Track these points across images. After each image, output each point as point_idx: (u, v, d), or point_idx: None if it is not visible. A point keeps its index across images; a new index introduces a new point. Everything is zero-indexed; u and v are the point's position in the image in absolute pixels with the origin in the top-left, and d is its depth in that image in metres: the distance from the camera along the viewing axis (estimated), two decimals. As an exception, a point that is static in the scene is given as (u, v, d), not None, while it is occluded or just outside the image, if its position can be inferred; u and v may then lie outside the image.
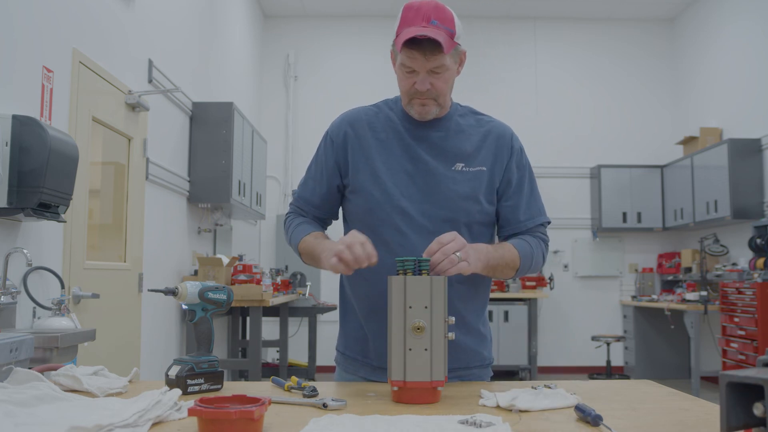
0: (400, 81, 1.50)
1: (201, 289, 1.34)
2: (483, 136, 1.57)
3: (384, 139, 1.55)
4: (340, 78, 7.80)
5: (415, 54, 1.41)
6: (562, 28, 8.02)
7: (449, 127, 1.56)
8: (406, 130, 1.55)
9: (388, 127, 1.56)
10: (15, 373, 1.15)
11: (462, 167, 1.53)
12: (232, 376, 5.66)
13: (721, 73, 6.99)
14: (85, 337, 2.27)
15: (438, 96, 1.48)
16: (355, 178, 1.55)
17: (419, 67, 1.43)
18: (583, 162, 7.89)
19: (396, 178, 1.52)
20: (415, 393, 1.21)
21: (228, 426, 0.92)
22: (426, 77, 1.45)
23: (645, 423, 1.08)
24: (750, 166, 6.18)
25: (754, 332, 5.35)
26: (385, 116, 1.58)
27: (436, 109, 1.51)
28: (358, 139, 1.56)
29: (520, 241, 1.54)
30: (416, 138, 1.54)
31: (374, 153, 1.54)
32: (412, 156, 1.53)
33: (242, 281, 4.69)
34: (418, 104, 1.49)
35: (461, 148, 1.54)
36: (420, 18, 1.41)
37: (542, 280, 7.27)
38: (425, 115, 1.51)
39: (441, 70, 1.45)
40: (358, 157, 1.55)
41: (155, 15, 4.20)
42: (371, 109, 1.61)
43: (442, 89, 1.48)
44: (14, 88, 2.58)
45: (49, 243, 2.87)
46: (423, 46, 1.40)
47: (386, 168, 1.53)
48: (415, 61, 1.42)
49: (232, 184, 4.93)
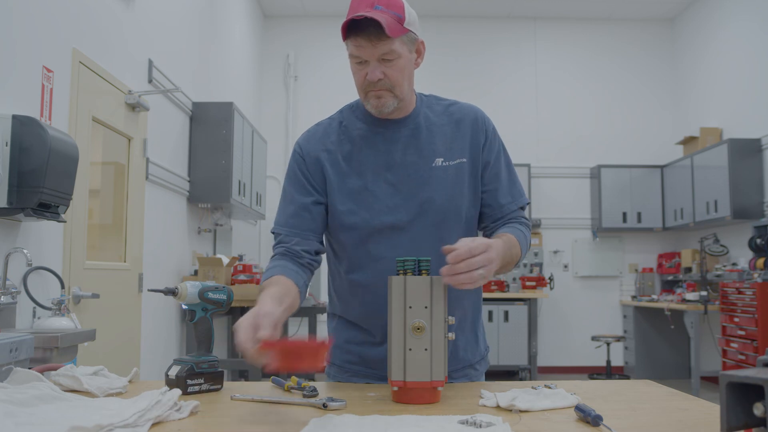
0: (353, 75, 1.42)
1: (201, 289, 1.34)
2: (455, 124, 1.50)
3: (355, 151, 1.47)
4: (340, 78, 7.79)
5: (360, 41, 1.35)
6: (562, 28, 8.02)
7: (419, 122, 1.49)
8: (376, 135, 1.47)
9: (357, 136, 1.48)
10: (15, 373, 1.15)
11: (442, 162, 1.46)
12: (232, 376, 5.66)
13: (721, 73, 6.99)
14: (85, 337, 2.27)
15: (393, 86, 1.39)
16: (333, 197, 1.46)
17: (368, 56, 1.36)
18: (583, 162, 7.89)
19: (376, 190, 1.44)
20: (415, 393, 1.20)
21: (302, 351, 1.07)
22: (377, 66, 1.37)
23: (645, 423, 1.08)
24: (750, 166, 6.19)
25: (754, 332, 5.35)
26: (350, 125, 1.50)
27: (393, 101, 1.41)
28: (329, 156, 1.47)
29: (518, 233, 1.45)
30: (388, 141, 1.47)
31: (348, 168, 1.46)
32: (388, 162, 1.45)
33: (242, 281, 4.70)
34: (374, 97, 1.40)
35: (437, 143, 1.47)
36: (364, 5, 1.35)
37: (542, 280, 7.27)
38: (382, 108, 1.41)
39: (392, 56, 1.36)
40: (332, 175, 1.46)
41: (155, 15, 4.20)
42: (335, 119, 1.53)
43: (397, 79, 1.39)
44: (14, 88, 2.58)
45: (49, 243, 2.87)
46: (368, 31, 1.33)
47: (363, 182, 1.45)
48: (362, 49, 1.35)
49: (232, 184, 4.94)
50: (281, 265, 1.40)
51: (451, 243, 1.26)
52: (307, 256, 1.45)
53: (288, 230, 1.47)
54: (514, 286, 7.28)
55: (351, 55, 1.39)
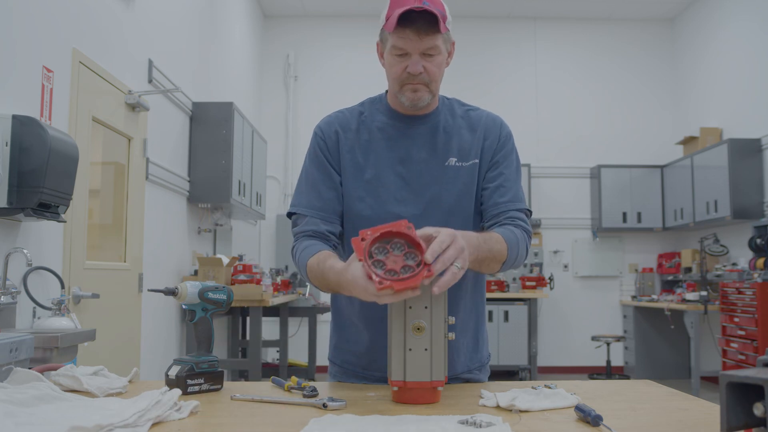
0: (390, 67, 1.43)
1: (201, 289, 1.34)
2: (473, 128, 1.52)
3: (372, 141, 1.49)
4: (340, 78, 7.80)
5: (408, 33, 1.35)
6: (562, 28, 8.02)
7: (438, 121, 1.51)
8: (395, 129, 1.49)
9: (375, 127, 1.50)
10: (15, 373, 1.15)
11: (455, 162, 1.48)
12: (232, 376, 5.66)
13: (721, 73, 6.99)
14: (85, 337, 2.27)
15: (431, 82, 1.42)
16: (346, 184, 1.48)
17: (412, 49, 1.37)
18: (583, 162, 7.89)
19: (387, 181, 1.46)
20: (415, 393, 1.20)
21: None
22: (418, 60, 1.38)
23: (645, 423, 1.08)
24: (750, 166, 6.19)
25: (754, 332, 5.35)
26: (370, 116, 1.52)
27: (428, 97, 1.44)
28: (347, 142, 1.50)
29: (507, 232, 1.41)
30: (405, 136, 1.49)
31: (363, 158, 1.48)
32: (402, 157, 1.47)
33: (242, 281, 4.70)
34: (410, 90, 1.42)
35: (452, 143, 1.49)
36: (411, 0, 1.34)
37: (542, 280, 7.27)
38: (417, 102, 1.43)
39: (434, 52, 1.38)
40: (347, 161, 1.49)
41: (155, 15, 4.20)
42: (356, 109, 1.55)
43: (435, 74, 1.41)
44: (14, 88, 2.58)
45: (49, 243, 2.87)
46: (417, 24, 1.34)
47: (376, 171, 1.47)
48: (408, 41, 1.36)
49: (232, 184, 4.94)
50: (318, 244, 1.42)
51: None
52: (333, 237, 1.48)
53: (313, 212, 1.47)
54: (514, 286, 7.28)
55: (393, 46, 1.39)
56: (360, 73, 7.69)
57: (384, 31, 1.42)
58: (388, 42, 1.41)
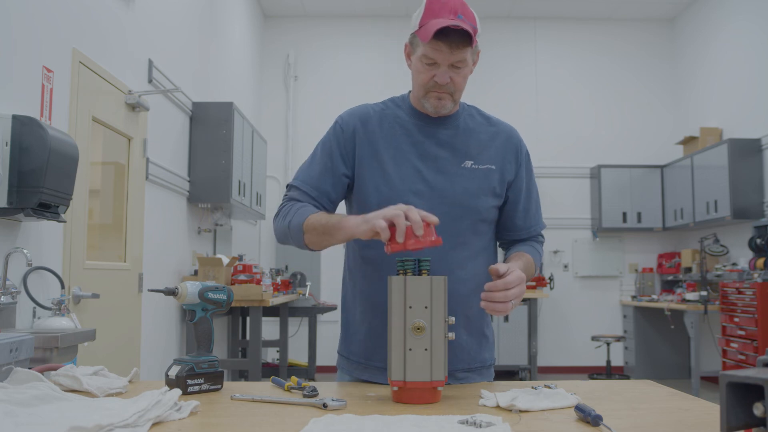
0: (418, 73, 1.49)
1: (201, 289, 1.34)
2: (492, 135, 1.59)
3: (392, 135, 1.55)
4: (340, 78, 7.80)
5: (441, 46, 1.41)
6: (562, 28, 8.02)
7: (458, 125, 1.57)
8: (415, 127, 1.55)
9: (397, 123, 1.56)
10: (15, 373, 1.15)
11: (471, 164, 1.54)
12: (232, 376, 5.66)
13: (721, 73, 6.99)
14: (85, 337, 2.27)
15: (455, 91, 1.49)
16: (362, 174, 1.53)
17: (442, 60, 1.43)
18: (583, 162, 7.89)
19: (404, 173, 1.51)
20: (415, 393, 1.21)
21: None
22: (446, 71, 1.44)
23: (645, 423, 1.08)
24: (750, 166, 6.18)
25: (754, 332, 5.35)
26: (393, 113, 1.58)
27: (451, 104, 1.51)
28: (366, 134, 1.55)
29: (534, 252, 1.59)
30: (425, 135, 1.54)
31: (382, 149, 1.53)
32: (421, 153, 1.53)
33: (242, 281, 4.69)
34: (435, 97, 1.49)
35: (470, 146, 1.55)
36: (447, 10, 1.41)
37: (542, 280, 7.26)
38: (440, 109, 1.50)
39: (462, 65, 1.45)
40: (365, 152, 1.54)
41: (155, 15, 4.20)
42: (379, 106, 1.61)
43: (460, 85, 1.48)
44: (14, 88, 2.58)
45: (49, 243, 2.87)
46: (450, 38, 1.40)
47: (394, 163, 1.52)
48: (440, 53, 1.42)
49: (232, 184, 4.94)
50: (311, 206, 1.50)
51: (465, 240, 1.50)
52: None
53: (308, 188, 1.54)
54: (514, 286, 7.27)
55: (425, 55, 1.44)
56: (360, 73, 7.70)
57: (416, 37, 1.46)
58: (419, 49, 1.46)
